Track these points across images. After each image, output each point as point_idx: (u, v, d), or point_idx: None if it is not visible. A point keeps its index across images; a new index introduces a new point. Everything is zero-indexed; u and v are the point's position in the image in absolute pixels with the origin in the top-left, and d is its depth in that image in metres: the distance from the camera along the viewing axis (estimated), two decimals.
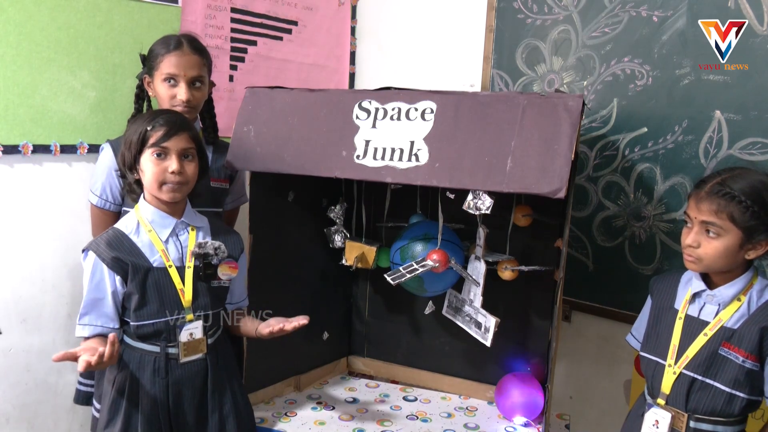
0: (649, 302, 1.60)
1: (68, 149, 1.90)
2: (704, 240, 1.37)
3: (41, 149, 1.84)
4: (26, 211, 1.85)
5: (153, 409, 1.49)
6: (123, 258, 1.47)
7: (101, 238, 1.51)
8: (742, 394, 1.38)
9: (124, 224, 1.53)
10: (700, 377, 1.41)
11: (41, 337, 1.93)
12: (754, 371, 1.37)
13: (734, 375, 1.37)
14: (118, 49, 1.95)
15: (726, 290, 1.41)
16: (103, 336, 1.48)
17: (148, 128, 1.47)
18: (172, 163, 1.47)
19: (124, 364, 1.50)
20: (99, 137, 1.94)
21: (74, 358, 1.33)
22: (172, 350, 1.51)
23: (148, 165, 1.48)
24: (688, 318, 1.46)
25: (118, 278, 1.46)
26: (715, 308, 1.42)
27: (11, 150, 1.78)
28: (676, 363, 1.44)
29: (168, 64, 1.73)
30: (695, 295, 1.46)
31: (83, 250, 1.50)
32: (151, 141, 1.47)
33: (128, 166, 1.51)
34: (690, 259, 1.40)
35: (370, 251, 1.90)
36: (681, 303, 1.48)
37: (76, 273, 1.96)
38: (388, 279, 1.70)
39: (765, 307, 1.38)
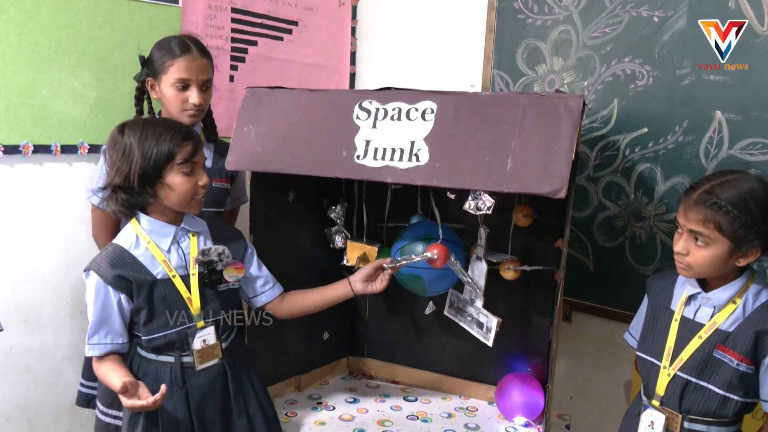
0: (645, 301, 1.60)
1: (69, 149, 1.90)
2: (693, 248, 1.36)
3: (42, 149, 1.84)
4: (26, 211, 1.86)
5: (173, 419, 1.47)
6: (125, 275, 1.42)
7: (101, 256, 1.46)
8: (736, 397, 1.37)
9: (123, 239, 1.48)
10: (694, 379, 1.41)
11: (41, 337, 1.93)
12: (749, 374, 1.37)
13: (728, 378, 1.37)
14: (119, 49, 1.96)
15: (721, 293, 1.41)
16: (116, 353, 1.46)
17: (175, 143, 1.41)
18: (202, 177, 1.47)
19: (141, 377, 1.46)
20: (99, 137, 1.94)
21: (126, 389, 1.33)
22: (186, 359, 1.49)
23: (179, 181, 1.43)
24: (683, 320, 1.45)
25: (123, 296, 1.43)
26: (710, 311, 1.42)
27: (12, 150, 1.79)
28: (670, 365, 1.44)
29: (179, 69, 1.73)
30: (690, 298, 1.46)
31: (85, 270, 1.45)
32: (181, 157, 1.42)
33: (149, 183, 1.43)
34: (680, 266, 1.40)
35: (372, 251, 1.90)
36: (677, 304, 1.48)
37: (77, 273, 1.96)
38: (385, 266, 1.68)
39: (760, 310, 1.37)
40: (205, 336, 1.50)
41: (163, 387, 1.35)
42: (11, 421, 1.89)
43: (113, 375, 1.41)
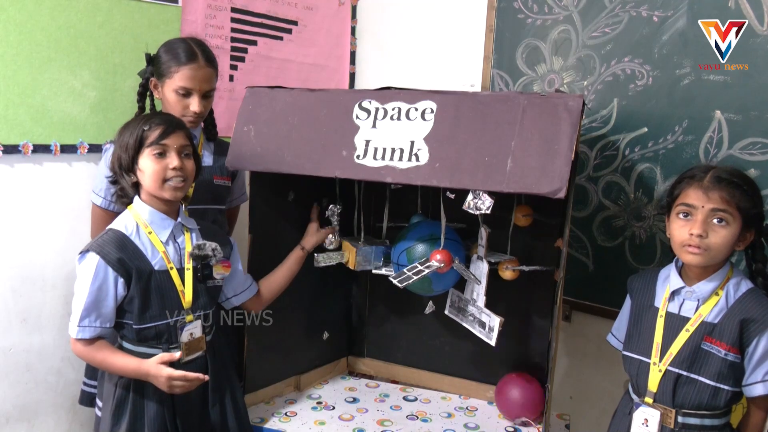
0: (628, 302, 1.62)
1: (68, 149, 1.90)
2: (711, 229, 1.38)
3: (41, 149, 1.84)
4: (26, 211, 1.85)
5: (159, 409, 1.51)
6: (128, 261, 1.46)
7: (102, 239, 1.48)
8: (726, 387, 1.40)
9: (123, 225, 1.51)
10: (685, 373, 1.43)
11: (41, 337, 1.93)
12: (737, 363, 1.40)
13: (718, 368, 1.40)
14: (119, 49, 1.95)
15: (704, 285, 1.44)
16: (103, 338, 1.50)
17: (145, 128, 1.47)
18: (173, 160, 1.49)
19: None
20: (99, 137, 1.94)
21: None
22: (174, 351, 1.51)
23: (148, 164, 1.48)
24: (669, 315, 1.48)
25: (121, 281, 1.45)
26: (694, 304, 1.45)
27: (11, 150, 1.78)
28: (660, 360, 1.46)
29: (182, 77, 1.73)
30: (674, 293, 1.48)
31: (82, 252, 1.48)
32: (150, 140, 1.47)
33: (125, 169, 1.50)
34: (696, 251, 1.39)
35: (352, 251, 1.89)
36: (661, 301, 1.51)
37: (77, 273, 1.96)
38: (395, 282, 1.69)
39: (742, 299, 1.41)
40: (193, 329, 1.55)
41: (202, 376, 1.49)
42: (11, 421, 1.89)
43: (119, 358, 1.47)
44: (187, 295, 1.53)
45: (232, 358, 1.75)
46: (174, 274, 1.52)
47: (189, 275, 1.55)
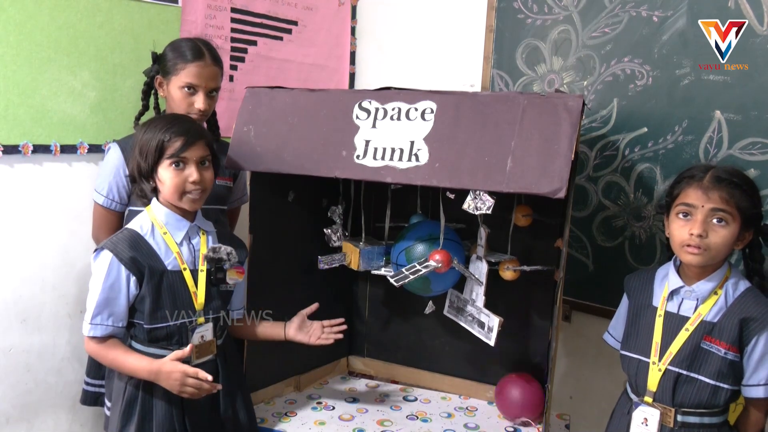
0: (625, 301, 1.63)
1: (68, 149, 1.90)
2: (711, 229, 1.38)
3: (41, 149, 1.84)
4: (26, 211, 1.85)
5: (168, 409, 1.50)
6: (141, 260, 1.46)
7: (117, 238, 1.49)
8: (726, 386, 1.41)
9: (138, 225, 1.51)
10: (684, 372, 1.44)
11: (41, 337, 1.93)
12: (736, 362, 1.41)
13: (717, 367, 1.41)
14: (119, 49, 1.95)
15: (704, 285, 1.45)
16: (115, 337, 1.49)
17: (165, 139, 1.45)
18: (192, 173, 1.48)
19: None
20: (99, 137, 1.94)
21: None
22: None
23: (167, 175, 1.47)
24: (667, 314, 1.48)
25: (133, 279, 1.45)
26: (693, 303, 1.46)
27: (11, 150, 1.78)
28: (660, 360, 1.46)
29: (188, 74, 1.74)
30: (673, 292, 1.49)
31: (96, 249, 1.48)
32: (169, 152, 1.46)
33: (144, 175, 1.49)
34: (696, 251, 1.39)
35: (355, 252, 1.89)
36: (659, 300, 1.51)
37: (77, 273, 1.96)
38: (392, 281, 1.69)
39: (741, 298, 1.42)
40: (204, 332, 1.54)
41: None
42: (11, 421, 1.89)
43: (131, 357, 1.46)
44: (200, 297, 1.53)
45: (242, 362, 1.74)
46: (187, 275, 1.51)
47: (202, 277, 1.54)
